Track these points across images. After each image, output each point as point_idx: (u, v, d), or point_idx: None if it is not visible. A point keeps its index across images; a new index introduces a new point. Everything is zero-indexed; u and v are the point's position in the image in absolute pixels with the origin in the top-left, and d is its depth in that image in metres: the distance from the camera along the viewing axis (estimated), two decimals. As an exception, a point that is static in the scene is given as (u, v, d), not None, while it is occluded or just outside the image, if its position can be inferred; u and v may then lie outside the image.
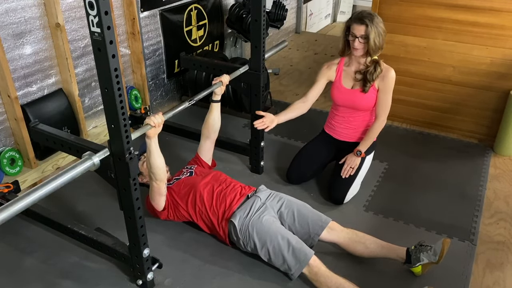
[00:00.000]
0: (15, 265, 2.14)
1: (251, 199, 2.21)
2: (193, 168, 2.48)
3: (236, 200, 2.20)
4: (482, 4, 2.94)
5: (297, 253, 1.95)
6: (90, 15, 1.38)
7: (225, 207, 2.18)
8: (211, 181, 2.30)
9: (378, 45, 2.37)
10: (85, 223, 2.28)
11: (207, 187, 2.26)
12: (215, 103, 2.51)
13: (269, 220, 2.08)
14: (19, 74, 2.50)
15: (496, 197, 2.69)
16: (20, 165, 2.55)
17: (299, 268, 1.95)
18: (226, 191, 2.24)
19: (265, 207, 2.15)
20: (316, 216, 2.16)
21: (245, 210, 2.13)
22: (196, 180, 2.32)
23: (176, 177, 2.41)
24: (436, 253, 2.01)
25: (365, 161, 2.60)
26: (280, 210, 2.18)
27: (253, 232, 2.05)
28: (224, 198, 2.21)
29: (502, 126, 3.08)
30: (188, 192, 2.26)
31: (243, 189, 2.28)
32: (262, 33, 2.45)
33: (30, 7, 2.45)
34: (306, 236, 2.11)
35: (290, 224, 2.15)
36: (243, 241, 2.10)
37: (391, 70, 2.47)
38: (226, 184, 2.29)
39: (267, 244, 2.02)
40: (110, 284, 2.04)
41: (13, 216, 1.41)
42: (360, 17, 2.36)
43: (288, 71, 4.61)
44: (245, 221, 2.09)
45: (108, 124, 1.61)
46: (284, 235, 2.00)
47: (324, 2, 6.46)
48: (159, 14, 3.33)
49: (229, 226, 2.14)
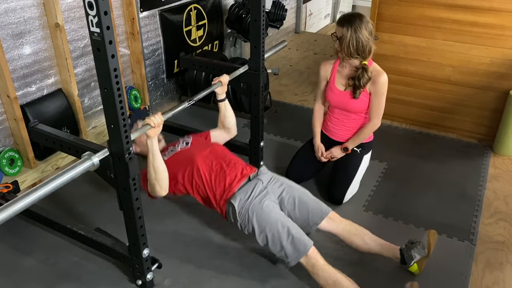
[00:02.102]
0: (14, 265, 2.14)
1: (253, 181, 2.14)
2: (190, 138, 2.41)
3: (237, 180, 2.14)
4: (481, 4, 2.94)
5: (296, 242, 1.92)
6: (89, 15, 1.38)
7: (225, 186, 2.13)
8: (209, 155, 2.24)
9: (352, 49, 2.32)
10: (84, 223, 2.28)
11: (206, 162, 2.20)
12: (219, 102, 2.50)
13: (270, 205, 2.04)
14: (18, 74, 2.50)
15: (496, 197, 2.69)
16: (19, 165, 2.55)
17: (297, 257, 1.92)
18: (226, 169, 2.18)
19: (266, 191, 2.10)
20: (317, 205, 2.13)
21: (246, 193, 2.07)
22: (194, 152, 2.26)
23: (171, 147, 2.35)
24: (425, 246, 2.03)
25: (363, 160, 2.60)
26: (281, 195, 2.14)
27: (252, 217, 2.00)
28: (223, 177, 2.15)
29: (501, 126, 3.08)
30: (185, 165, 2.20)
31: (244, 169, 2.21)
32: (261, 33, 2.45)
33: (29, 7, 2.45)
34: (305, 224, 2.09)
35: (290, 210, 2.11)
36: (241, 224, 2.05)
37: (382, 74, 2.42)
38: (226, 161, 2.23)
39: (266, 231, 1.98)
40: (109, 284, 2.04)
41: (13, 216, 1.41)
42: (341, 19, 2.36)
43: (288, 71, 4.62)
44: (245, 204, 2.04)
45: (108, 124, 1.61)
46: (285, 223, 1.97)
47: (324, 2, 6.46)
48: (158, 14, 3.33)
49: (228, 207, 2.09)
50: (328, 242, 2.20)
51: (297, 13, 5.68)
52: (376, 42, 2.43)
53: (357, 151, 2.59)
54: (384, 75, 2.41)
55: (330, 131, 2.67)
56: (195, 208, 2.52)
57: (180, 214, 2.49)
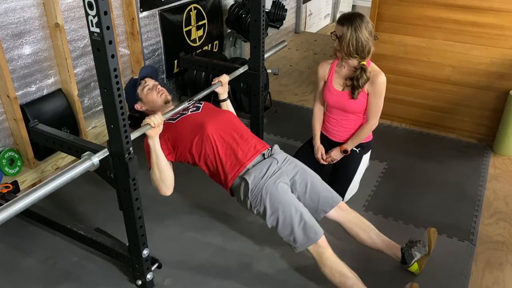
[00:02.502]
0: (14, 265, 2.14)
1: (268, 160, 2.08)
2: (201, 104, 2.31)
3: (250, 155, 2.08)
4: (481, 4, 2.94)
5: (307, 229, 1.88)
6: (89, 15, 1.38)
7: (236, 159, 2.06)
8: (221, 124, 2.16)
9: (352, 49, 2.31)
10: (84, 223, 2.28)
11: (217, 131, 2.11)
12: (221, 102, 2.48)
13: (284, 187, 1.98)
14: (18, 74, 2.50)
15: (496, 197, 2.69)
16: (19, 165, 2.55)
17: (306, 244, 1.87)
18: (239, 141, 2.11)
19: (280, 172, 2.03)
20: (328, 192, 2.10)
21: (261, 171, 2.00)
22: (204, 119, 2.15)
23: (181, 112, 2.24)
24: (425, 244, 2.03)
25: (362, 160, 2.60)
26: (294, 178, 2.08)
27: (266, 197, 1.94)
28: (235, 149, 2.08)
29: (501, 126, 3.08)
30: (195, 132, 2.11)
31: (257, 144, 2.14)
32: (261, 33, 2.45)
33: (29, 7, 2.45)
34: (313, 210, 2.04)
35: (300, 194, 2.07)
36: (252, 202, 1.99)
37: (380, 75, 2.40)
38: (238, 133, 2.15)
39: (278, 212, 1.92)
40: (109, 284, 2.04)
41: (13, 216, 1.41)
42: (342, 18, 2.34)
43: (288, 71, 4.61)
44: (259, 182, 1.97)
45: (108, 124, 1.61)
46: (298, 208, 1.92)
47: (324, 2, 6.46)
48: (158, 14, 3.33)
49: (239, 182, 2.03)
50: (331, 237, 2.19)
51: (297, 13, 5.68)
52: (376, 42, 2.42)
53: (356, 151, 2.59)
54: (382, 75, 2.40)
55: (329, 131, 2.67)
56: (195, 208, 2.53)
57: (180, 214, 2.49)
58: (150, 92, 2.26)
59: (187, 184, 2.60)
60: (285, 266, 2.14)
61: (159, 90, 2.28)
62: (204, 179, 2.30)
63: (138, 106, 2.29)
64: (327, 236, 1.90)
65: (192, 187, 2.65)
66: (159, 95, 2.26)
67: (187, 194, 2.61)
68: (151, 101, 2.26)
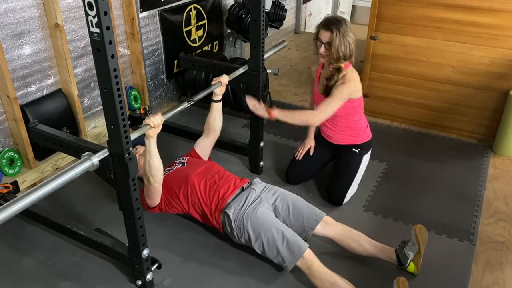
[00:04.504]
0: (14, 265, 2.14)
1: (246, 191, 2.20)
2: (185, 159, 2.47)
3: (230, 191, 2.20)
4: (481, 4, 2.94)
5: (291, 245, 1.94)
6: (89, 15, 1.38)
7: (218, 198, 2.18)
8: (204, 172, 2.30)
9: (341, 54, 2.31)
10: (84, 224, 2.27)
11: (200, 179, 2.25)
12: (215, 102, 2.51)
13: (264, 212, 2.07)
14: (18, 75, 2.50)
15: (496, 197, 2.69)
16: (19, 166, 2.55)
17: (293, 261, 1.94)
18: (219, 182, 2.24)
19: (260, 199, 2.15)
20: (311, 210, 2.16)
21: (240, 202, 2.12)
22: (189, 171, 2.31)
23: (168, 168, 2.40)
24: (414, 242, 2.03)
25: (363, 160, 2.60)
26: (275, 203, 2.18)
27: (247, 224, 2.04)
28: (217, 189, 2.20)
29: (501, 126, 3.08)
30: (180, 184, 2.25)
31: (236, 181, 2.28)
32: (261, 33, 2.45)
33: (29, 8, 2.45)
34: (301, 230, 2.11)
35: (284, 217, 2.15)
36: (237, 233, 2.09)
37: (349, 82, 2.35)
38: (219, 176, 2.29)
39: (261, 237, 2.01)
40: (109, 285, 2.04)
41: (12, 216, 1.41)
42: (328, 23, 2.33)
43: (288, 71, 4.61)
44: (239, 213, 2.08)
45: (108, 124, 1.61)
46: (279, 228, 2.00)
47: (324, 2, 6.46)
48: (158, 15, 3.33)
49: (223, 217, 2.14)
50: (326, 246, 2.20)
51: (297, 13, 5.67)
52: (376, 42, 2.42)
53: (356, 151, 2.59)
54: (350, 83, 2.35)
55: (327, 135, 2.67)
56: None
57: (180, 214, 2.48)
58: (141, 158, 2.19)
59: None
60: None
61: None
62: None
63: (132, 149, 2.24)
64: (322, 245, 1.94)
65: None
66: None
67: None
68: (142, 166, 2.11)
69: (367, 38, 3.33)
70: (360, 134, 2.60)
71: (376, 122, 3.50)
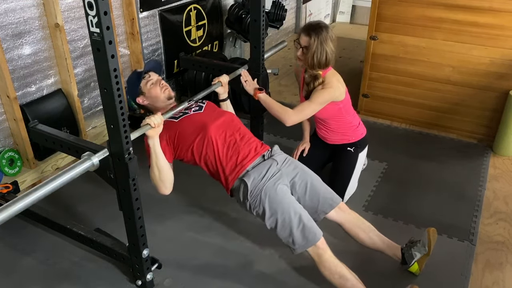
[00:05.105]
0: (14, 265, 2.14)
1: (268, 161, 2.09)
2: (204, 104, 2.31)
3: (251, 157, 2.08)
4: (481, 4, 2.94)
5: (306, 231, 1.88)
6: (89, 15, 1.38)
7: (236, 161, 2.06)
8: (223, 125, 2.16)
9: (315, 61, 2.30)
10: (84, 224, 2.27)
11: (219, 133, 2.11)
12: (222, 102, 2.49)
13: (283, 189, 1.99)
14: (18, 75, 2.50)
15: (496, 197, 2.69)
16: (19, 166, 2.55)
17: (305, 246, 1.88)
18: (240, 143, 2.11)
19: (280, 173, 2.04)
20: (328, 193, 2.10)
21: (260, 173, 2.01)
22: (206, 120, 2.16)
23: (183, 111, 2.24)
24: (425, 244, 2.03)
25: (359, 158, 2.59)
26: (294, 179, 2.08)
27: (265, 199, 1.95)
28: (236, 151, 2.08)
29: (501, 126, 3.08)
30: (197, 132, 2.11)
31: (258, 146, 2.16)
32: (261, 33, 2.45)
33: (29, 7, 2.45)
34: (313, 211, 2.04)
35: (300, 195, 2.07)
36: (251, 204, 1.99)
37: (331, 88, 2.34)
38: (240, 135, 2.16)
39: (277, 215, 1.92)
40: (109, 285, 2.04)
41: (12, 216, 1.41)
42: (308, 28, 2.32)
43: (288, 71, 4.61)
44: (259, 184, 1.98)
45: (108, 124, 1.61)
46: (297, 211, 1.92)
47: (324, 2, 6.45)
48: (158, 15, 3.33)
49: (239, 184, 2.04)
50: (331, 238, 2.19)
51: (297, 13, 5.67)
52: (376, 42, 2.42)
53: (351, 150, 2.59)
54: (330, 90, 2.35)
55: (323, 137, 2.68)
56: (195, 208, 2.53)
57: (180, 214, 2.49)
58: (154, 86, 2.24)
59: (187, 184, 2.60)
60: (285, 266, 2.14)
61: (162, 86, 2.26)
62: (205, 179, 2.31)
63: (140, 100, 2.27)
64: (327, 237, 1.90)
65: (192, 187, 2.65)
66: (162, 91, 2.25)
67: (187, 194, 2.61)
68: (154, 96, 2.24)
69: (367, 38, 3.34)
70: (352, 133, 2.59)
71: (376, 122, 3.51)
